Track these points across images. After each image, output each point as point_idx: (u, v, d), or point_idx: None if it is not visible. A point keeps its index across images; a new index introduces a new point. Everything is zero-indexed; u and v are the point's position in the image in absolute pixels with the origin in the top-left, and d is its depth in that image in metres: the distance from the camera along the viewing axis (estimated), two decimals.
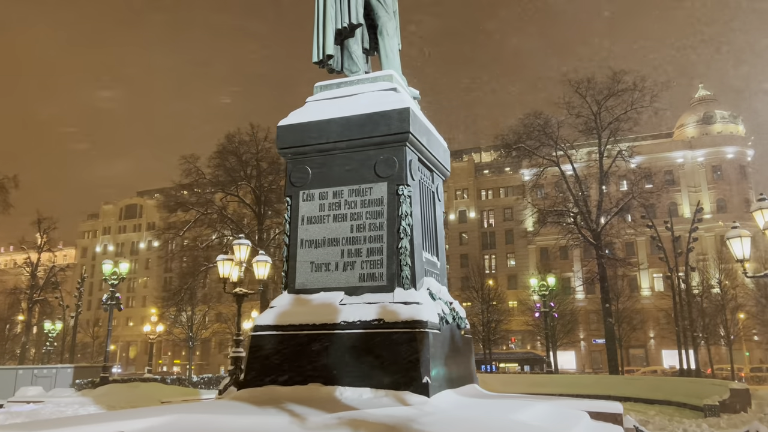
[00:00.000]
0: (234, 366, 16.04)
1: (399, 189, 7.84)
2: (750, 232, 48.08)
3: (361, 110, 8.16)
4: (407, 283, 7.62)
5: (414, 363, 7.03)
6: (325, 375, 7.33)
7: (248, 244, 17.18)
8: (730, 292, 34.47)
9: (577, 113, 29.46)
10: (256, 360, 7.77)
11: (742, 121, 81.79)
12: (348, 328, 7.38)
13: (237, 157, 34.45)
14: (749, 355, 52.83)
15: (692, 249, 30.79)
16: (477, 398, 7.97)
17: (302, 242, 8.17)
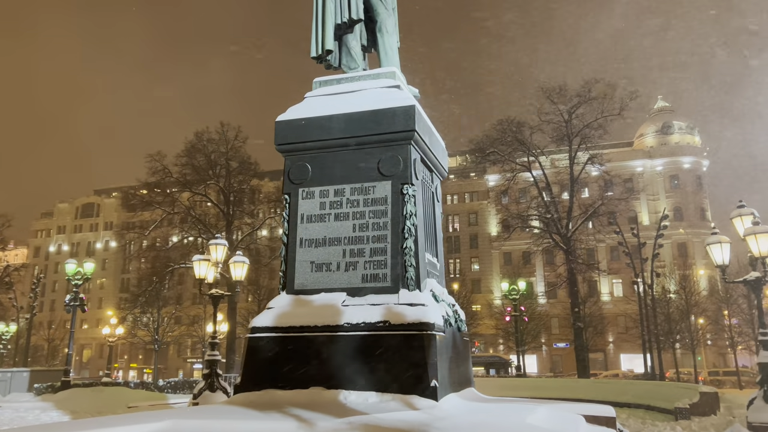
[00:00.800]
0: (209, 370, 15.57)
1: (404, 188, 7.67)
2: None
3: (365, 107, 7.97)
4: (412, 284, 7.46)
5: (422, 366, 6.87)
6: (327, 378, 7.10)
7: (225, 244, 16.71)
8: (694, 298, 35.42)
9: (548, 120, 29.91)
10: (253, 363, 7.49)
11: (698, 133, 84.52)
12: (351, 330, 7.17)
13: (205, 156, 33.72)
14: (701, 359, 54.54)
15: (657, 255, 31.60)
16: (481, 402, 7.86)
17: (302, 241, 7.92)
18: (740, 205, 13.04)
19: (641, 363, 65.04)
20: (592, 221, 32.47)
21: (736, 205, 13.02)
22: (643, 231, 48.38)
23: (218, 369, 15.78)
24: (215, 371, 15.61)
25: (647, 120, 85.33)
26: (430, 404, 6.65)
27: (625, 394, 21.33)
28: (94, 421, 6.89)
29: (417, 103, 7.97)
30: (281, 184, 8.38)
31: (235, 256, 16.65)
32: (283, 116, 8.38)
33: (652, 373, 29.72)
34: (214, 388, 15.39)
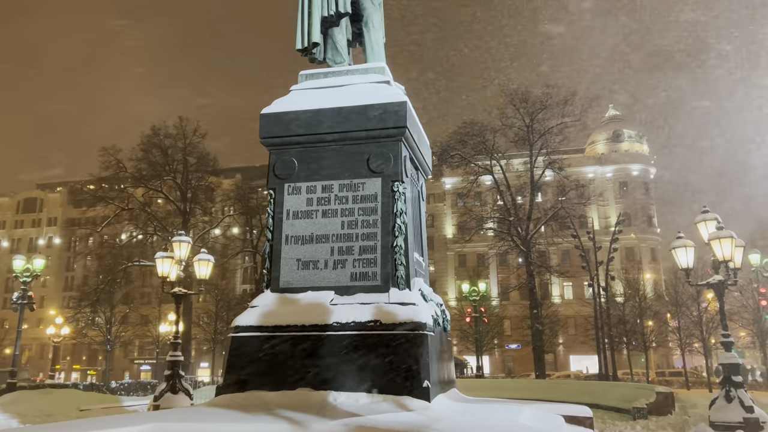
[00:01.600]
0: (171, 371, 15.04)
1: (394, 185, 7.54)
2: (656, 243, 51.08)
3: (355, 102, 7.80)
4: (402, 283, 7.33)
5: (414, 367, 6.74)
6: (315, 379, 6.89)
7: (189, 241, 16.19)
8: (647, 302, 36.50)
9: (510, 124, 30.32)
10: (237, 363, 7.21)
11: (647, 141, 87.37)
12: (341, 329, 6.99)
13: (162, 151, 32.70)
14: (645, 360, 56.29)
15: (613, 258, 32.48)
16: (467, 403, 7.79)
17: (287, 238, 7.69)
18: (704, 211, 13.45)
19: (591, 364, 66.89)
20: (546, 225, 33.01)
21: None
22: (595, 235, 49.71)
23: (180, 370, 15.27)
24: (178, 372, 15.09)
25: (598, 128, 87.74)
26: (423, 405, 6.52)
27: (582, 395, 21.74)
28: (69, 425, 6.48)
29: (408, 100, 7.86)
30: (266, 178, 8.12)
31: (200, 254, 16.16)
32: (269, 109, 8.12)
33: (605, 373, 30.46)
34: (176, 389, 14.88)
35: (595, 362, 69.93)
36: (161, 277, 15.67)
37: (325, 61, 9.11)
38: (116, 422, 6.24)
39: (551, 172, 31.87)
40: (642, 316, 35.93)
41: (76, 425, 6.15)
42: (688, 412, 18.81)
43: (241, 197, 39.19)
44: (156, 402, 14.70)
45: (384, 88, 8.06)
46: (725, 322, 12.92)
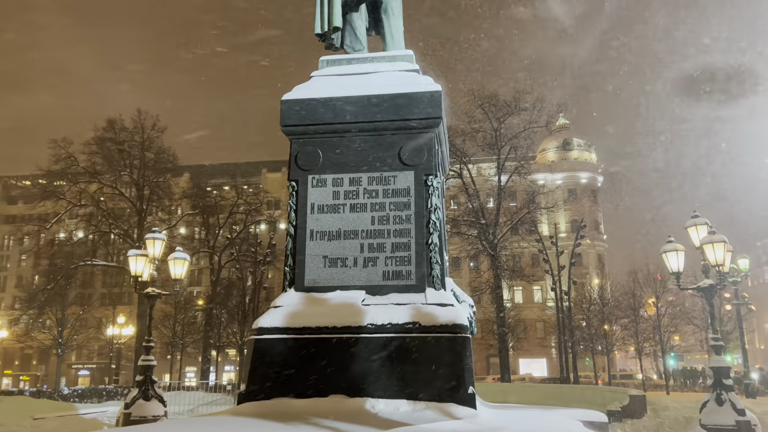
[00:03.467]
0: (144, 376, 14.10)
1: (428, 179, 7.14)
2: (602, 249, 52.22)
3: (385, 90, 7.37)
4: (438, 283, 6.93)
5: (457, 372, 6.35)
6: (349, 385, 6.40)
7: (163, 239, 15.28)
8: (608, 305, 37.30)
9: (478, 128, 30.41)
10: (262, 368, 6.63)
11: (594, 150, 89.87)
12: (376, 332, 6.52)
13: (118, 145, 31.12)
14: (589, 363, 57.69)
15: (575, 263, 33.01)
16: (502, 409, 7.46)
17: (312, 233, 7.16)
18: (694, 215, 13.59)
19: (539, 367, 68.13)
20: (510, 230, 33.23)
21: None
22: (545, 241, 50.61)
23: (153, 376, 14.34)
24: (150, 378, 14.16)
25: (549, 136, 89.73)
26: (470, 413, 6.14)
27: (555, 398, 21.80)
28: None
29: (441, 89, 7.45)
30: (286, 170, 7.56)
31: (176, 252, 15.29)
32: (290, 95, 7.59)
33: (566, 377, 30.89)
34: (148, 396, 13.93)
35: (543, 365, 71.79)
36: (134, 276, 14.72)
37: (342, 48, 8.65)
38: None
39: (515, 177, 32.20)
40: (605, 320, 36.68)
41: None
42: (660, 415, 19.07)
43: (197, 196, 37.85)
44: (127, 410, 13.72)
45: (414, 76, 7.66)
46: (715, 326, 13.08)
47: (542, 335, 67.34)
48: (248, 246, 37.86)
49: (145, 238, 15.16)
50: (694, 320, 37.18)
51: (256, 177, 73.50)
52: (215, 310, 37.27)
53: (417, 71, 7.81)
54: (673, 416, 18.60)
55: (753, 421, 12.11)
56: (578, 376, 32.63)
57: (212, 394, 23.39)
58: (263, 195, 41.84)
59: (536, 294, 73.67)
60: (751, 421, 12.02)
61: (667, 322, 35.81)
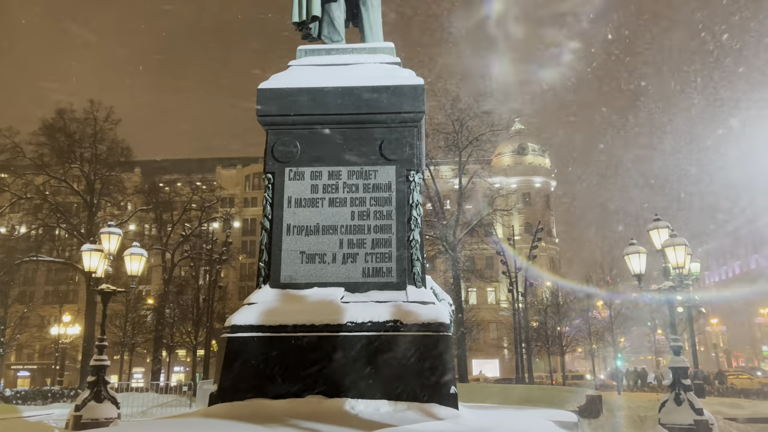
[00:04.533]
0: (96, 377, 13.45)
1: (410, 174, 6.99)
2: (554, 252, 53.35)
3: (366, 82, 7.18)
4: (419, 280, 6.78)
5: (440, 371, 6.21)
6: (327, 385, 6.17)
7: (119, 233, 14.63)
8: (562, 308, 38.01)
9: (439, 129, 30.51)
10: (235, 367, 6.33)
11: (548, 155, 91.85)
12: (356, 330, 6.31)
13: (68, 137, 29.76)
14: (539, 363, 58.86)
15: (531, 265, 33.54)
16: (481, 409, 7.36)
17: (289, 228, 6.90)
18: (656, 219, 13.87)
19: (491, 368, 69.03)
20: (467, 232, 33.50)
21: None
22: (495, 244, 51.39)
23: (107, 376, 13.70)
24: (103, 378, 13.52)
25: (505, 140, 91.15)
26: (452, 413, 6.00)
27: (511, 398, 21.97)
28: None
29: (424, 83, 7.30)
30: (263, 162, 7.25)
31: (132, 248, 14.65)
32: (267, 84, 7.31)
33: (521, 377, 31.32)
34: (101, 398, 13.28)
35: (495, 366, 72.80)
36: (88, 272, 14.05)
37: (320, 38, 8.41)
38: None
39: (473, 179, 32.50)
40: (559, 321, 37.38)
41: None
42: (616, 414, 19.43)
43: (151, 191, 36.68)
44: (78, 412, 13.05)
45: (395, 69, 7.49)
46: (675, 327, 13.37)
47: (495, 336, 68.25)
48: (203, 244, 36.96)
49: (100, 233, 14.48)
50: (645, 322, 38.28)
51: (210, 174, 71.95)
52: (168, 310, 36.21)
53: (398, 64, 7.65)
54: (629, 416, 18.99)
55: (710, 420, 12.42)
56: (533, 376, 33.11)
57: (165, 396, 22.64)
58: (219, 191, 40.91)
59: (490, 295, 74.72)
60: (708, 420, 12.32)
61: (619, 324, 36.76)
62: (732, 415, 17.98)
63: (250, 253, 74.82)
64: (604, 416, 19.90)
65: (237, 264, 54.88)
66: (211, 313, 31.78)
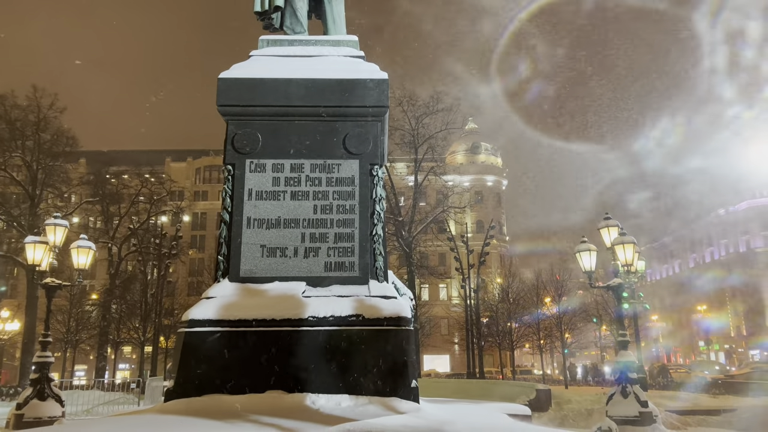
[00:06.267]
0: (39, 374, 12.92)
1: (373, 169, 6.97)
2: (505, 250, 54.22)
3: (330, 75, 7.12)
4: (381, 275, 6.78)
5: (401, 365, 6.22)
6: (288, 380, 6.11)
7: (66, 225, 14.08)
8: (515, 307, 38.74)
9: (396, 126, 30.57)
10: (193, 363, 6.19)
11: (501, 155, 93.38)
12: (317, 324, 6.27)
13: (8, 124, 28.36)
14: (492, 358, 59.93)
15: (484, 262, 34.02)
16: (437, 404, 7.41)
17: (249, 221, 6.79)
18: (606, 217, 14.28)
19: (442, 363, 69.82)
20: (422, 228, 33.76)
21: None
22: (448, 241, 52.05)
23: (50, 373, 13.18)
24: (47, 376, 13.00)
25: (459, 139, 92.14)
26: (413, 407, 6.02)
27: (464, 392, 22.25)
28: None
29: (388, 78, 7.29)
30: (223, 153, 7.09)
31: (80, 241, 14.11)
32: (228, 73, 7.16)
33: (473, 372, 31.79)
34: (44, 396, 12.77)
35: (446, 361, 73.67)
36: (31, 265, 13.45)
37: (281, 29, 8.28)
38: None
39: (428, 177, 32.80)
40: (510, 318, 38.11)
41: None
42: (564, 408, 19.93)
43: (97, 183, 35.47)
44: (20, 410, 12.49)
45: (360, 63, 7.45)
46: (623, 323, 13.81)
47: (446, 332, 68.96)
48: (151, 238, 35.99)
49: (45, 225, 13.92)
50: (591, 318, 39.44)
51: (159, 166, 70.09)
52: (114, 305, 35.13)
53: (362, 57, 7.61)
54: (576, 409, 19.51)
55: (654, 412, 12.88)
56: (484, 371, 33.64)
57: (110, 393, 21.96)
58: (169, 184, 39.89)
59: (442, 292, 75.52)
60: (652, 412, 12.78)
61: (567, 320, 37.75)
62: (673, 408, 18.74)
63: (200, 248, 73.34)
64: (553, 410, 20.41)
65: (186, 259, 53.64)
66: (159, 309, 30.98)
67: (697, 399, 21.75)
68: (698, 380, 30.76)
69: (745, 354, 61.53)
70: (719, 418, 17.28)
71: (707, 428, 16.08)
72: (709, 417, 17.58)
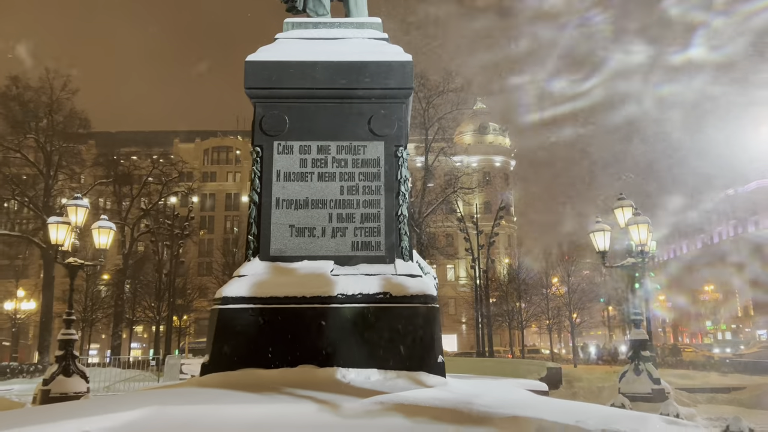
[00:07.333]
0: (64, 351, 13.30)
1: (398, 151, 7.11)
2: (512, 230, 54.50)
3: (356, 57, 7.22)
4: (407, 254, 6.96)
5: (428, 341, 6.43)
6: (317, 355, 6.32)
7: (87, 206, 14.35)
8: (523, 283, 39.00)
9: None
10: (227, 338, 6.42)
11: (509, 135, 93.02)
12: (347, 302, 6.46)
13: (22, 105, 28.54)
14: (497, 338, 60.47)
15: (494, 243, 34.26)
16: (463, 379, 7.62)
17: (278, 202, 6.96)
18: (620, 198, 14.42)
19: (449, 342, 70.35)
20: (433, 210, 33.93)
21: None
22: (457, 221, 52.20)
23: (74, 350, 13.55)
24: (71, 353, 13.38)
25: (466, 119, 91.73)
26: (441, 381, 6.24)
27: (476, 370, 22.60)
28: (58, 408, 5.32)
29: (412, 60, 7.39)
30: (250, 134, 7.26)
31: (100, 221, 14.38)
32: (255, 56, 7.28)
33: (482, 351, 32.17)
34: (69, 372, 13.18)
35: (453, 341, 74.24)
36: (54, 245, 13.74)
37: (304, 12, 8.36)
38: (109, 405, 5.25)
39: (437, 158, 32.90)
40: (519, 297, 38.40)
41: (66, 408, 5.05)
42: (575, 386, 20.24)
43: (110, 164, 35.71)
44: (46, 386, 12.90)
45: (384, 45, 7.55)
46: (635, 301, 14.01)
47: (453, 312, 69.50)
48: (164, 218, 36.30)
49: (66, 205, 14.21)
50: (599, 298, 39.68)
51: (167, 147, 70.26)
52: (128, 285, 35.60)
53: (386, 40, 7.70)
54: (587, 386, 19.84)
55: (666, 389, 13.13)
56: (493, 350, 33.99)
57: (129, 371, 22.44)
58: (181, 165, 40.12)
59: (449, 272, 75.94)
60: (665, 389, 13.02)
61: (576, 300, 38.00)
62: (683, 386, 19.00)
63: (209, 229, 73.87)
64: (564, 387, 20.71)
65: (197, 239, 54.09)
66: (173, 289, 31.39)
67: (707, 377, 22.01)
68: (706, 359, 31.04)
69: (753, 334, 61.75)
70: (729, 395, 17.54)
71: (717, 405, 16.31)
72: (719, 395, 17.84)
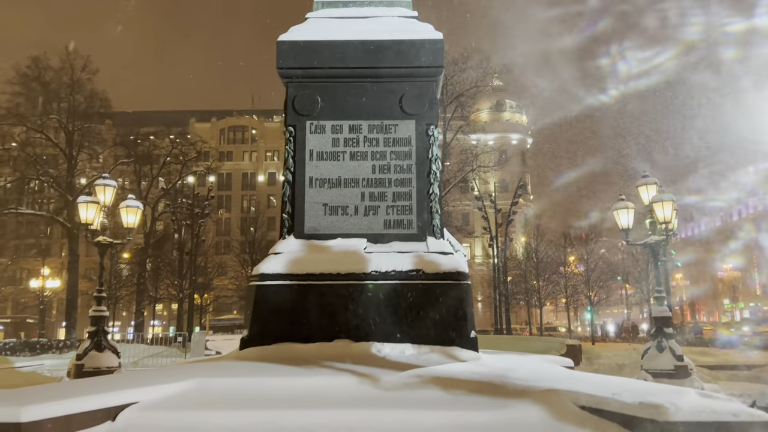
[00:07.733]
0: (95, 327, 13.62)
1: (429, 129, 7.17)
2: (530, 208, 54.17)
3: (386, 35, 7.25)
4: (438, 232, 7.06)
5: (461, 317, 6.55)
6: (352, 330, 6.48)
7: (114, 185, 14.55)
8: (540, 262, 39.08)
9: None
10: (265, 313, 6.60)
11: (526, 112, 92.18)
12: (380, 278, 6.59)
13: (43, 86, 28.84)
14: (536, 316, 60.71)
15: (512, 221, 34.24)
16: (493, 354, 7.76)
17: (311, 180, 7.07)
18: (645, 176, 14.34)
19: None
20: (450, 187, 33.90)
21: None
22: (473, 200, 52.11)
23: (105, 326, 13.88)
24: (102, 329, 13.71)
25: (483, 97, 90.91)
26: (474, 356, 6.37)
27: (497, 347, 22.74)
28: (105, 381, 5.54)
29: (443, 38, 7.40)
30: (284, 115, 7.34)
31: (128, 200, 14.61)
32: (287, 36, 7.34)
33: (500, 328, 32.40)
34: (101, 347, 13.51)
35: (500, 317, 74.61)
36: (84, 223, 14.00)
37: None
38: (152, 378, 5.46)
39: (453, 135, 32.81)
40: (538, 276, 38.50)
41: (115, 380, 5.26)
42: (594, 363, 20.34)
43: (131, 144, 36.02)
44: (79, 361, 13.26)
45: (415, 23, 7.57)
46: (659, 278, 14.00)
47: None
48: (183, 198, 36.69)
49: (95, 185, 14.43)
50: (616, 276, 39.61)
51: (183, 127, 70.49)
52: (149, 263, 36.15)
53: (416, 18, 7.71)
54: (607, 363, 19.93)
55: (690, 366, 13.18)
56: (511, 328, 34.18)
57: (154, 347, 22.92)
58: (200, 144, 40.34)
59: (465, 251, 76.18)
60: (688, 366, 13.07)
61: (595, 278, 38.01)
62: (703, 363, 19.05)
63: (226, 208, 74.36)
64: (584, 364, 20.84)
65: (215, 218, 54.56)
66: (194, 267, 31.85)
67: (727, 355, 22.02)
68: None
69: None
70: (750, 372, 17.57)
71: (738, 382, 16.35)
72: (740, 372, 17.88)
